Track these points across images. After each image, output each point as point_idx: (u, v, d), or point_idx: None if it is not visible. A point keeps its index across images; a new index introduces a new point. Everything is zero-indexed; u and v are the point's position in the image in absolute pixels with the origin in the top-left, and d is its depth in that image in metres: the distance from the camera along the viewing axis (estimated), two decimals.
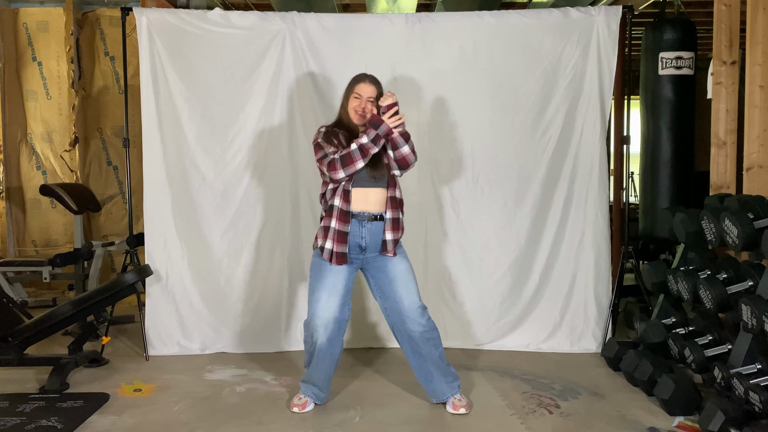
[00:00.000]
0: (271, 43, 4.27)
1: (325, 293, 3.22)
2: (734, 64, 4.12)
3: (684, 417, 3.18)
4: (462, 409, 3.27)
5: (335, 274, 3.23)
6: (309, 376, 3.35)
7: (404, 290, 3.27)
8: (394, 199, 3.27)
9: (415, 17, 4.34)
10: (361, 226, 3.22)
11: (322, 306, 3.21)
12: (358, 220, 3.22)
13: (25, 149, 6.35)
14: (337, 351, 3.32)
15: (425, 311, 3.30)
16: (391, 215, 3.25)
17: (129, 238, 4.43)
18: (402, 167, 3.25)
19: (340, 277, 3.24)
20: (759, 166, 3.86)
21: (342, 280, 3.24)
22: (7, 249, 6.21)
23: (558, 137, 4.29)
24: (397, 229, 3.28)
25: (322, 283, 3.23)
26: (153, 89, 4.24)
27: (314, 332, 3.23)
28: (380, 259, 3.29)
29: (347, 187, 3.20)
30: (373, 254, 3.28)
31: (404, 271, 3.29)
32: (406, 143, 3.20)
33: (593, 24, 4.22)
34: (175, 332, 4.32)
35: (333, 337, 3.25)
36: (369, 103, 3.25)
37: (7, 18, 6.27)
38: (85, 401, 3.42)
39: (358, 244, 3.24)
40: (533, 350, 4.32)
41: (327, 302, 3.21)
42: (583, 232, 4.31)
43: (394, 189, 3.28)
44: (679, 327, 3.79)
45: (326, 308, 3.21)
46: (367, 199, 3.23)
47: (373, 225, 3.23)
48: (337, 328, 3.26)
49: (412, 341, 3.30)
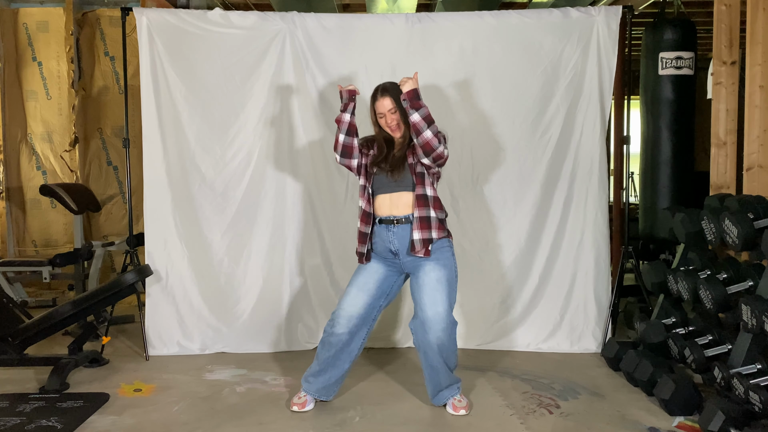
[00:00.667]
0: (271, 43, 4.27)
1: (354, 288, 3.30)
2: (734, 64, 4.12)
3: (684, 417, 3.18)
4: (462, 410, 3.27)
5: (368, 272, 3.30)
6: (314, 372, 3.34)
7: (429, 299, 3.19)
8: (423, 197, 3.19)
9: (415, 17, 4.34)
10: (388, 230, 3.24)
11: (349, 300, 3.28)
12: (386, 225, 3.24)
13: (25, 149, 6.35)
14: (356, 349, 3.33)
15: (451, 326, 3.21)
16: (419, 214, 3.18)
17: (129, 238, 4.44)
18: (427, 153, 3.12)
19: (372, 276, 3.29)
20: (759, 166, 3.86)
21: (374, 280, 3.29)
22: (7, 249, 6.21)
23: (558, 137, 4.29)
24: (426, 228, 3.17)
25: (355, 280, 3.33)
26: (153, 89, 4.24)
27: (335, 322, 3.26)
28: (417, 262, 3.24)
29: (369, 189, 3.28)
30: (409, 258, 3.25)
31: (434, 281, 3.19)
32: (428, 127, 3.11)
33: (593, 24, 4.22)
34: (175, 332, 4.32)
35: (354, 332, 3.27)
36: (392, 115, 3.26)
37: (7, 18, 6.27)
38: (85, 401, 3.42)
39: (388, 248, 3.26)
40: (533, 350, 4.32)
41: (355, 297, 3.27)
42: (583, 232, 4.31)
43: (423, 187, 3.21)
44: (679, 327, 3.79)
45: (352, 303, 3.26)
46: (392, 203, 3.24)
47: (400, 228, 3.22)
48: (360, 324, 3.28)
49: (428, 352, 3.24)
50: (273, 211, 4.35)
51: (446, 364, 3.27)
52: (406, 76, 3.24)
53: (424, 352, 3.27)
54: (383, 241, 3.26)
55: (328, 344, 3.31)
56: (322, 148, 4.29)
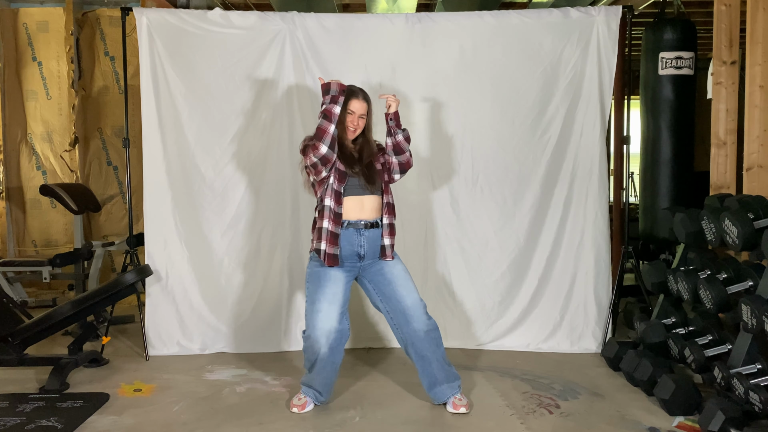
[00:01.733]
0: (271, 43, 4.27)
1: (325, 303, 3.21)
2: (734, 64, 4.12)
3: (684, 417, 3.18)
4: (462, 408, 3.28)
5: (334, 282, 3.24)
6: (310, 379, 3.35)
7: (405, 289, 3.31)
8: (389, 205, 3.36)
9: (415, 17, 4.34)
10: (359, 234, 3.25)
11: (323, 317, 3.21)
12: (355, 228, 3.24)
13: (25, 149, 6.35)
14: (339, 359, 3.32)
15: (426, 308, 3.34)
16: (387, 221, 3.34)
17: (129, 238, 4.44)
18: (404, 170, 3.40)
19: (339, 286, 3.25)
20: (759, 166, 3.86)
21: (341, 289, 3.26)
22: (7, 249, 6.21)
23: (558, 137, 4.29)
24: (393, 234, 3.36)
25: (322, 293, 3.23)
26: (153, 89, 4.24)
27: (315, 343, 3.22)
28: (376, 263, 3.33)
29: (338, 188, 3.23)
30: (371, 261, 3.31)
31: (402, 272, 3.36)
32: (408, 147, 3.35)
33: (593, 24, 4.22)
34: (175, 332, 4.32)
35: (334, 347, 3.25)
36: (360, 119, 3.31)
37: (7, 18, 6.26)
38: (85, 401, 3.42)
39: (356, 252, 3.26)
40: (533, 350, 4.32)
41: (328, 312, 3.21)
42: (583, 232, 4.31)
43: (388, 195, 3.37)
44: (679, 327, 3.79)
45: (327, 319, 3.21)
46: (363, 206, 3.27)
47: (371, 232, 3.27)
48: (339, 337, 3.25)
49: (416, 343, 3.30)
50: (273, 211, 4.35)
51: (437, 351, 3.29)
52: (388, 96, 3.33)
53: (412, 344, 3.31)
54: (351, 245, 3.25)
55: (310, 362, 3.30)
56: None
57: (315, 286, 3.26)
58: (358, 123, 3.30)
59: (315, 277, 3.27)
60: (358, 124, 3.31)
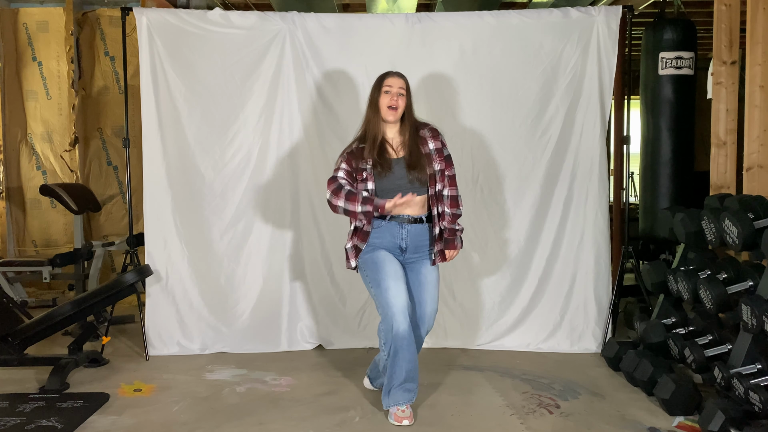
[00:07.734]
0: (271, 43, 4.27)
1: (391, 281, 3.12)
2: (734, 64, 4.13)
3: (684, 417, 3.18)
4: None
5: (390, 261, 3.18)
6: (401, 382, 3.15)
7: (430, 297, 3.27)
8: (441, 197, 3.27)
9: (415, 17, 4.34)
10: (401, 228, 3.22)
11: (394, 293, 3.09)
12: (398, 222, 3.22)
13: (25, 149, 6.35)
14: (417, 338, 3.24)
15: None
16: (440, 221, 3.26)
17: (129, 238, 4.44)
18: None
19: (395, 264, 3.19)
20: (759, 166, 3.86)
21: (398, 267, 3.19)
22: (7, 249, 6.21)
23: (558, 137, 4.29)
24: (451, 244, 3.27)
25: (384, 272, 3.14)
26: (153, 89, 4.24)
27: (394, 321, 3.06)
28: (418, 262, 3.28)
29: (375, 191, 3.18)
30: (414, 256, 3.26)
31: (435, 280, 3.31)
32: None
33: (593, 24, 4.22)
34: (175, 332, 4.32)
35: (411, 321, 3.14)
36: (400, 97, 3.20)
37: (7, 18, 6.26)
38: (85, 401, 3.42)
39: (398, 245, 3.24)
40: (533, 350, 4.32)
41: (397, 288, 3.11)
42: (583, 232, 4.31)
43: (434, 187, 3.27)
44: (679, 327, 3.78)
45: (399, 293, 3.10)
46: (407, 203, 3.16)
47: (413, 227, 3.23)
48: (412, 313, 3.17)
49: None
50: (273, 211, 4.35)
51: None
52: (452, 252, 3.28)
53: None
54: (393, 237, 3.22)
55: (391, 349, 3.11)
56: (322, 149, 4.29)
57: (374, 270, 3.17)
58: (398, 101, 3.19)
59: (370, 262, 3.20)
60: (398, 102, 3.19)
